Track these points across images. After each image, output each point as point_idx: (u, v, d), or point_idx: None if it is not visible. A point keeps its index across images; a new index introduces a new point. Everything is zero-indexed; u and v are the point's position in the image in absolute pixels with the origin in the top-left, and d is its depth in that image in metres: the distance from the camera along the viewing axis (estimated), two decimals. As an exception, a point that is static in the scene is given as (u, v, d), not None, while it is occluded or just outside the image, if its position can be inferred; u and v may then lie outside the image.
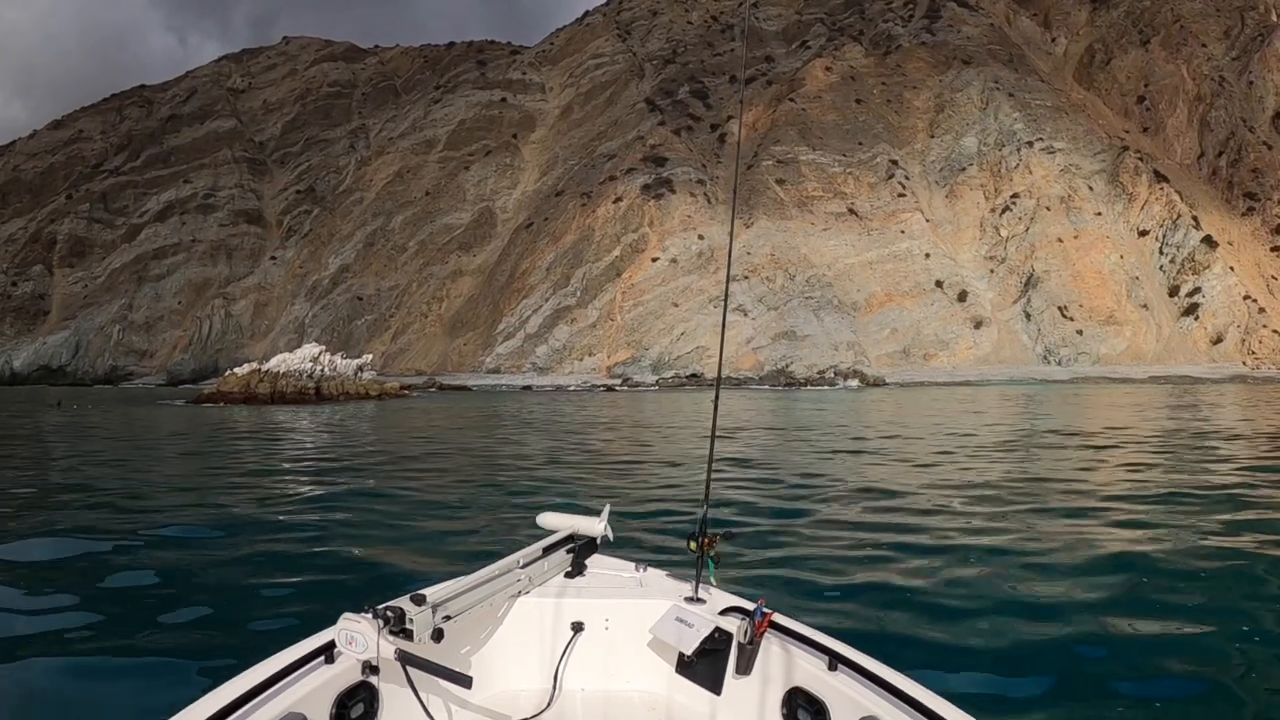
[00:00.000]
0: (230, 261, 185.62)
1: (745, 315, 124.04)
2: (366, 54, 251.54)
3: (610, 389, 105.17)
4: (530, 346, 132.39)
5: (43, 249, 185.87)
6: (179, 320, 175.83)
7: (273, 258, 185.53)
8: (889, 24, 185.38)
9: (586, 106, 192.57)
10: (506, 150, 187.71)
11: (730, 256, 5.19)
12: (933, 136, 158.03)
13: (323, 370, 57.75)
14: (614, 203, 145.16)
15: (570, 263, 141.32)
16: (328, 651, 3.06)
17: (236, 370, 58.47)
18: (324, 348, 61.75)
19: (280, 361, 57.46)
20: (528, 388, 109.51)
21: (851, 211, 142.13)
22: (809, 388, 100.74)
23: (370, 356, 64.93)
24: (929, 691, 2.93)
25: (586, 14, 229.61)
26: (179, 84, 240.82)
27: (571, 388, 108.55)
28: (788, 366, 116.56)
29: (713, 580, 3.97)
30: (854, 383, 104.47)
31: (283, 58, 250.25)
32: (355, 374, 60.66)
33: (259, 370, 56.31)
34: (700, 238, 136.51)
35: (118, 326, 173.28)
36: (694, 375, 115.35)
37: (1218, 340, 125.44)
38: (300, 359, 57.59)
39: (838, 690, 3.08)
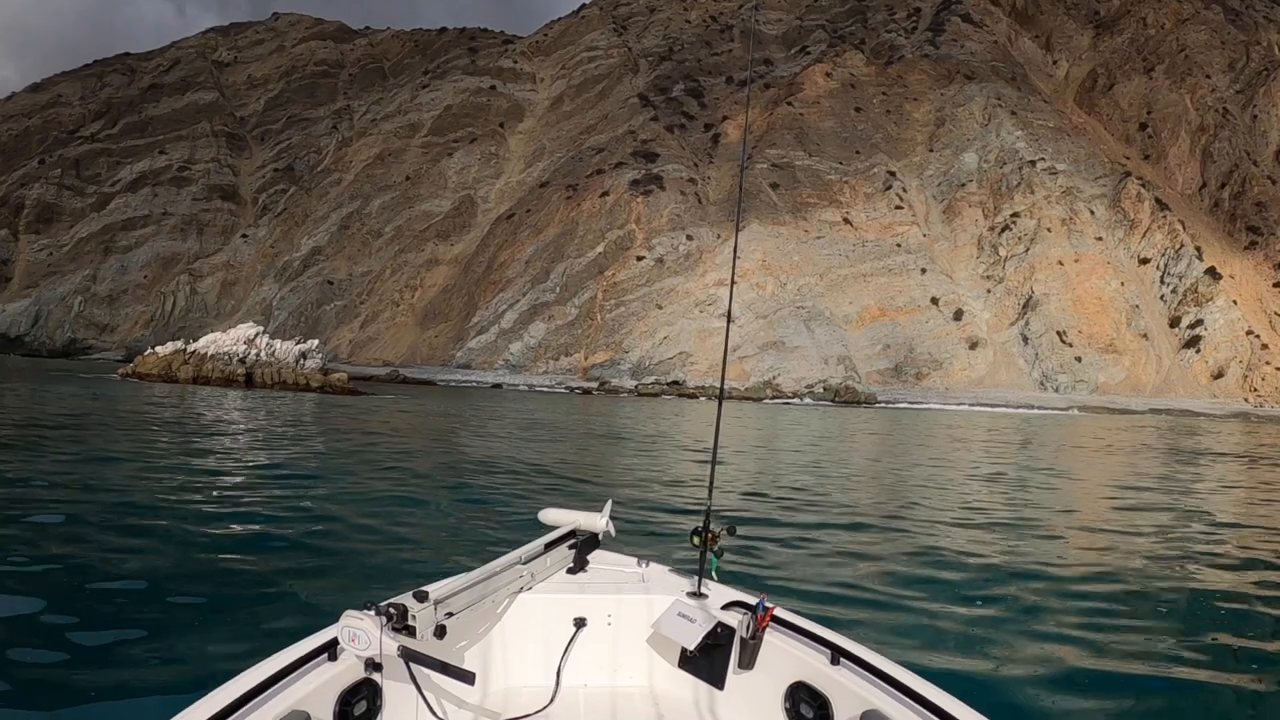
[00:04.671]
0: (200, 237, 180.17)
1: (732, 322, 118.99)
2: (356, 35, 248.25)
3: (586, 392, 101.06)
4: (504, 342, 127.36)
5: (10, 214, 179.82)
6: (143, 295, 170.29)
7: (244, 235, 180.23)
8: (891, 34, 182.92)
9: (577, 99, 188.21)
10: (492, 139, 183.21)
11: (735, 259, 4.88)
12: (931, 150, 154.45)
13: (258, 354, 52.06)
14: (600, 197, 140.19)
15: (551, 257, 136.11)
16: (330, 649, 3.09)
17: (158, 349, 52.97)
18: (261, 329, 55.96)
19: (210, 342, 51.91)
20: (498, 386, 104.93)
21: (846, 221, 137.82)
22: (796, 401, 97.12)
23: (316, 342, 58.85)
24: (932, 685, 2.99)
25: (583, 6, 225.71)
26: (163, 54, 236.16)
27: (545, 388, 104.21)
28: (775, 379, 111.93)
29: (715, 575, 4.04)
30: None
31: (271, 33, 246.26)
32: (297, 361, 54.78)
33: (183, 351, 50.80)
34: (689, 238, 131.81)
35: (80, 298, 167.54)
36: (675, 382, 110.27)
37: (1219, 375, 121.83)
38: (233, 340, 51.89)
39: (840, 684, 3.15)
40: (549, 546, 4.24)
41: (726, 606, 3.81)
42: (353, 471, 16.65)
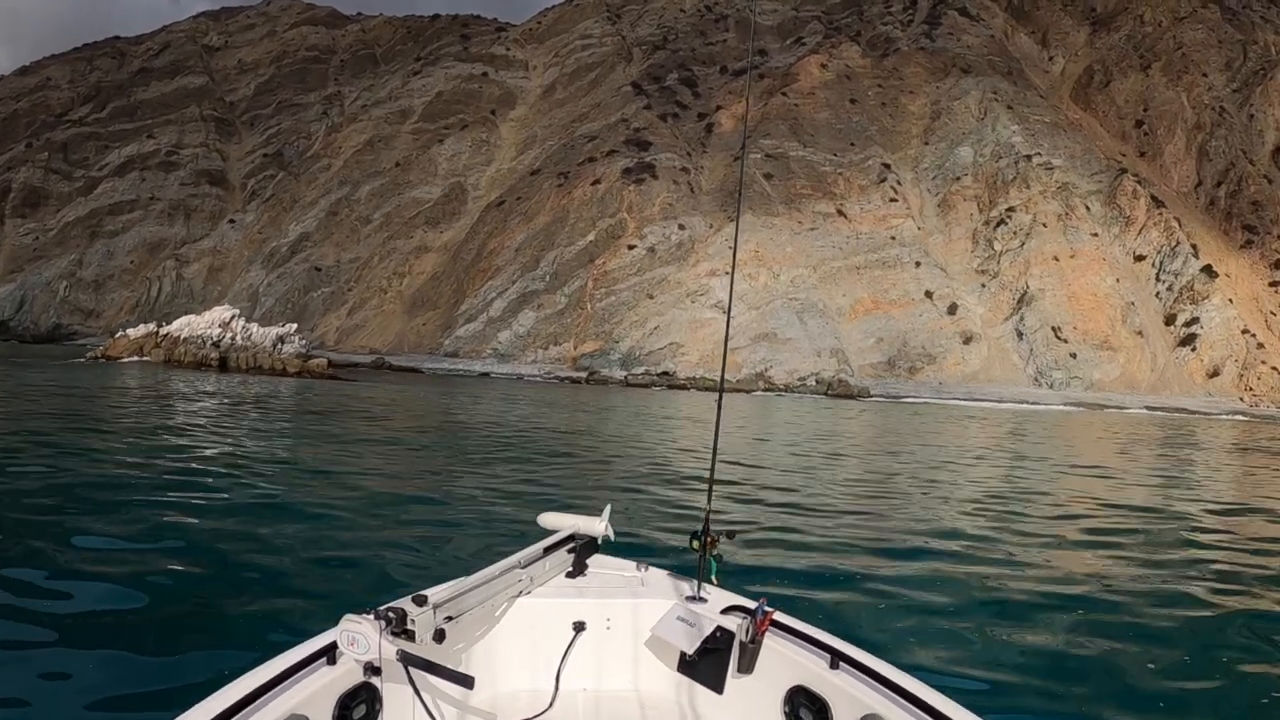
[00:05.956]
0: (188, 223, 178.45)
1: (724, 313, 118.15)
2: (348, 20, 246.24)
3: (575, 382, 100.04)
4: (492, 331, 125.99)
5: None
6: (130, 280, 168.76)
7: (231, 221, 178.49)
8: (888, 27, 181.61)
9: (570, 87, 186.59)
10: (484, 126, 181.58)
11: (735, 251, 5.09)
12: (927, 143, 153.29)
13: (233, 338, 50.57)
14: (592, 185, 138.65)
15: (541, 245, 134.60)
16: (329, 653, 3.11)
17: (129, 331, 51.56)
18: (238, 312, 54.63)
19: (184, 324, 50.50)
20: (486, 374, 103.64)
21: (840, 213, 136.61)
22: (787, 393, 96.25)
23: (294, 326, 57.54)
24: (931, 689, 3.02)
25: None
26: (154, 38, 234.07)
27: (533, 378, 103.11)
28: (767, 370, 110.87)
29: (714, 579, 4.06)
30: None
31: (262, 18, 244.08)
32: (274, 346, 53.23)
33: (155, 334, 49.39)
34: (681, 228, 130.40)
35: (65, 283, 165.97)
36: (665, 373, 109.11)
37: (1214, 373, 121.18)
38: (208, 323, 50.48)
39: (839, 688, 3.18)
40: (548, 550, 4.18)
41: (726, 611, 3.77)
42: (326, 463, 15.88)
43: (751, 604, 3.69)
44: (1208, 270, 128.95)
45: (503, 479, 14.57)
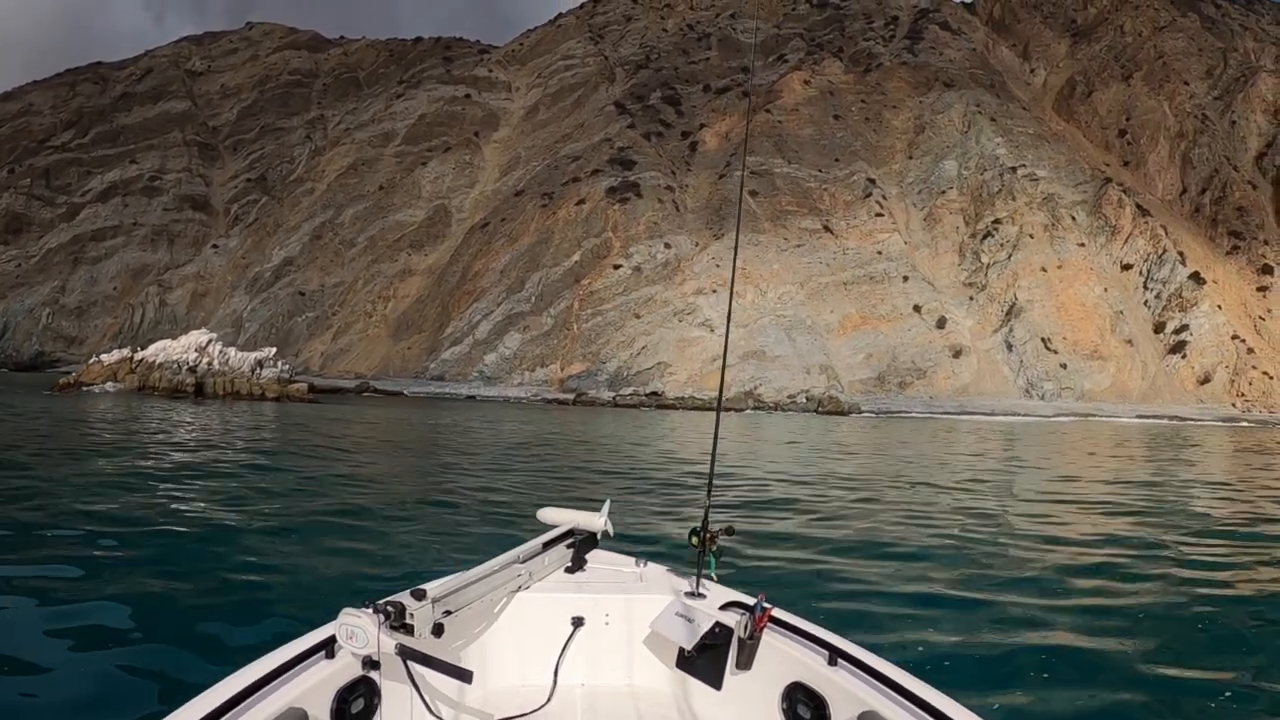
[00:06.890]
0: (171, 248, 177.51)
1: (712, 331, 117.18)
2: (331, 44, 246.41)
3: (562, 403, 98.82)
4: (478, 354, 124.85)
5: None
6: (112, 307, 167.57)
7: (215, 246, 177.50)
8: (870, 42, 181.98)
9: (554, 107, 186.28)
10: (467, 148, 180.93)
11: (734, 266, 5.11)
12: (911, 158, 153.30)
13: (210, 363, 49.61)
14: (576, 205, 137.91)
15: (526, 266, 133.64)
16: (328, 647, 3.12)
17: (103, 357, 50.58)
18: (214, 336, 53.62)
19: (159, 349, 49.51)
20: (472, 397, 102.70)
21: (827, 229, 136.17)
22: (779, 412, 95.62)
23: (273, 350, 56.64)
24: (929, 686, 3.02)
25: (559, 16, 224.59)
26: (136, 63, 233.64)
27: (520, 400, 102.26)
28: (756, 389, 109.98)
29: (713, 575, 4.09)
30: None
31: (245, 42, 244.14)
32: (253, 371, 52.22)
33: (130, 359, 48.48)
34: (667, 246, 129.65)
35: (48, 310, 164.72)
36: (654, 393, 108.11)
37: (1205, 380, 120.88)
38: (184, 348, 49.55)
39: (837, 685, 3.19)
40: (547, 545, 4.22)
41: (724, 607, 3.79)
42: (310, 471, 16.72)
43: (750, 600, 3.67)
44: (1195, 277, 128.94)
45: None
